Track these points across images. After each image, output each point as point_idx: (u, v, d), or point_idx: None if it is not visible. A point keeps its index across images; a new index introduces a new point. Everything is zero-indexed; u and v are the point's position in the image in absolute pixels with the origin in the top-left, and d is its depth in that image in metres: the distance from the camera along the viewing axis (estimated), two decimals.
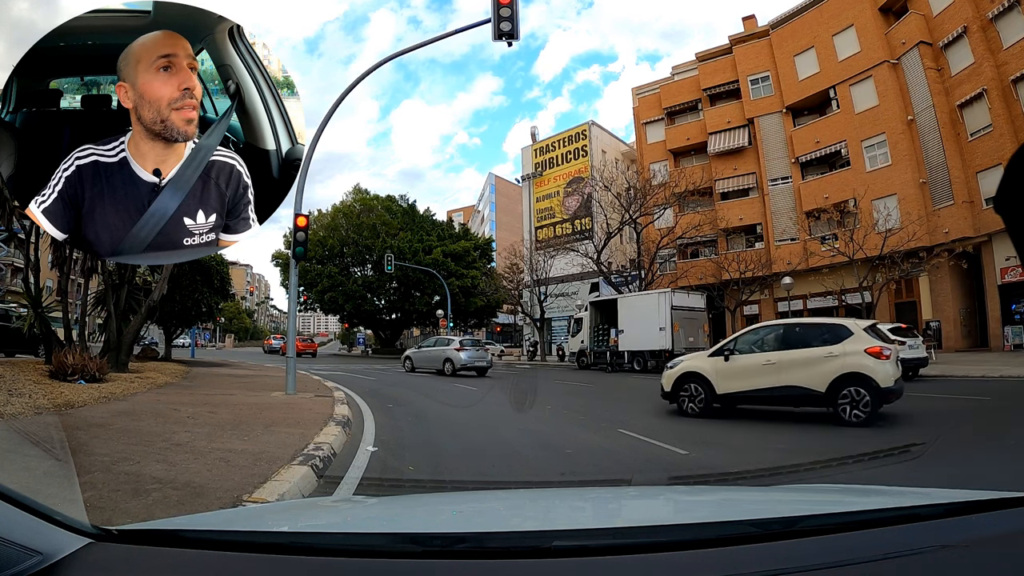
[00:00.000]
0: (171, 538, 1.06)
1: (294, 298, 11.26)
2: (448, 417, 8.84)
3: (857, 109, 24.71)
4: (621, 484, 3.77)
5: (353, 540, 1.15)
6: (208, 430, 5.75)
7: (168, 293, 14.04)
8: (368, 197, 42.01)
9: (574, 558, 0.98)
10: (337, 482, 4.25)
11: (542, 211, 39.38)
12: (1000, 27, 20.20)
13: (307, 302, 41.24)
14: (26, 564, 0.84)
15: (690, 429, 7.13)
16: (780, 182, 27.67)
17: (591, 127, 37.89)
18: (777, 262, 26.35)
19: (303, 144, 4.58)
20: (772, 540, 1.04)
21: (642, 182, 27.64)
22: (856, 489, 1.81)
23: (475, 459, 5.69)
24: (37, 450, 2.15)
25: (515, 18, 9.61)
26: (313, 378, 14.16)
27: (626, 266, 31.69)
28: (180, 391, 9.87)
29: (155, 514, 2.93)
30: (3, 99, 3.89)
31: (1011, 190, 0.89)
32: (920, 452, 4.97)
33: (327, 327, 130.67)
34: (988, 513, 1.11)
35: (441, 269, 36.11)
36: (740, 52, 29.23)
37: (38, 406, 6.05)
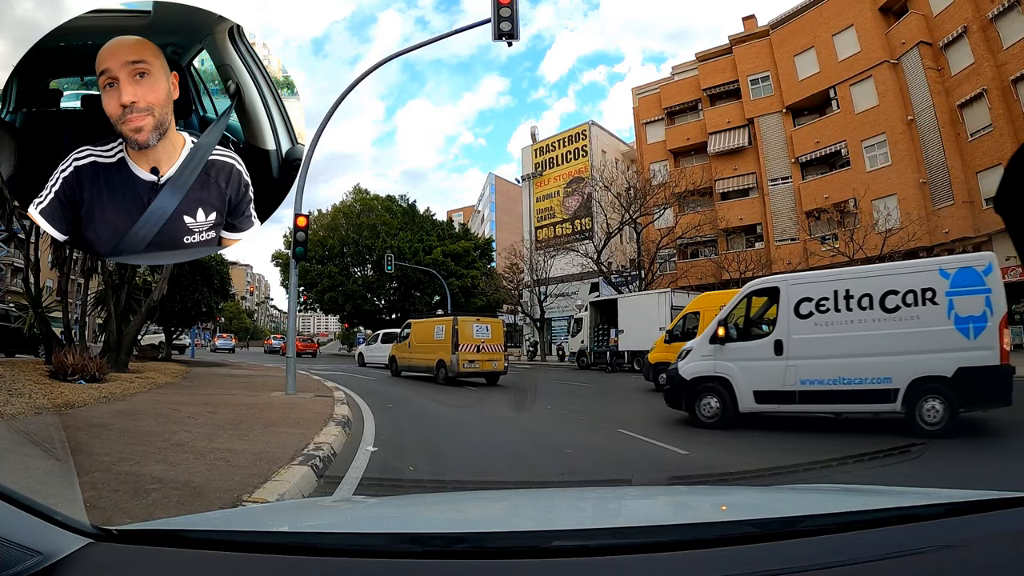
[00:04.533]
0: (171, 538, 1.06)
1: (294, 298, 11.27)
2: (448, 417, 8.84)
3: (857, 109, 24.70)
4: (621, 484, 3.77)
5: (353, 540, 1.15)
6: (208, 430, 5.74)
7: (168, 293, 14.03)
8: (368, 197, 41.97)
9: (574, 558, 0.98)
10: (337, 482, 4.25)
11: (542, 211, 39.37)
12: (1000, 27, 20.20)
13: (307, 302, 41.20)
14: (26, 564, 0.84)
15: (690, 429, 7.13)
16: (780, 182, 27.66)
17: (591, 127, 37.88)
18: (777, 262, 26.34)
19: (303, 144, 4.59)
20: (772, 540, 1.04)
21: (642, 182, 27.65)
22: (856, 489, 1.81)
23: (475, 459, 5.70)
24: (37, 450, 2.15)
25: (515, 18, 9.61)
26: (313, 378, 14.16)
27: (626, 266, 31.70)
28: (180, 391, 9.87)
29: (155, 514, 2.93)
30: (3, 99, 3.89)
31: (1011, 190, 0.89)
32: (920, 452, 4.96)
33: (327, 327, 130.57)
34: (988, 513, 1.11)
35: (441, 269, 36.09)
36: (740, 52, 29.22)
37: (38, 406, 6.05)
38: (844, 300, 6.81)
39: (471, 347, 14.74)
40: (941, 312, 6.32)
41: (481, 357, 14.86)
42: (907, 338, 6.40)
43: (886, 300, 6.58)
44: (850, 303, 6.77)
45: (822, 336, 6.85)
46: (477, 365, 14.78)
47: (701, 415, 7.35)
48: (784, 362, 6.98)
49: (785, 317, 7.06)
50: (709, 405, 7.32)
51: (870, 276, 6.93)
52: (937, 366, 6.26)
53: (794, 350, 6.95)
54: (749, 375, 7.17)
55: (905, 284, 6.55)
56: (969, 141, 21.29)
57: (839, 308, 6.82)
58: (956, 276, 6.36)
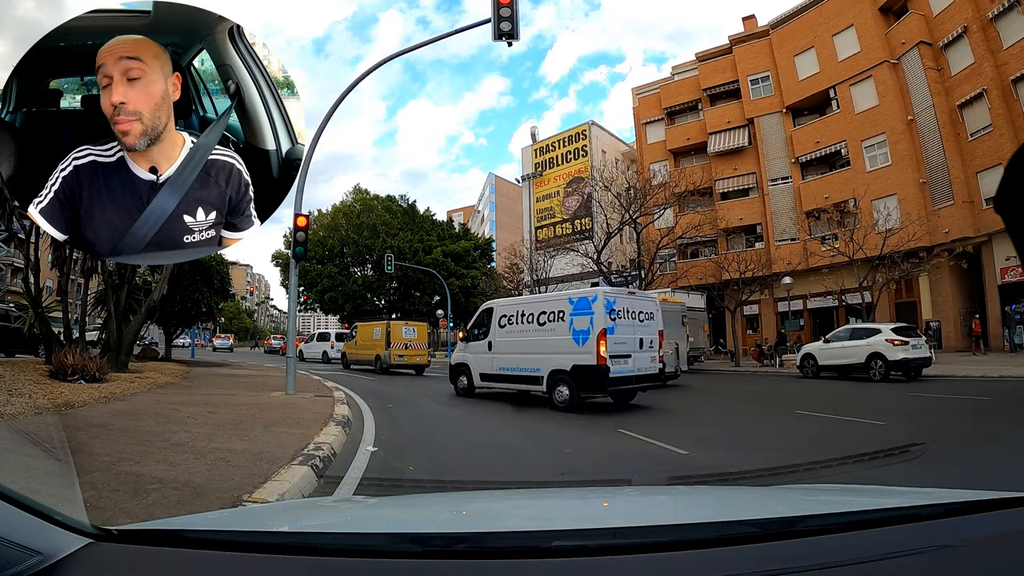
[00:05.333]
0: (171, 538, 1.06)
1: (294, 298, 11.27)
2: (448, 417, 8.84)
3: (857, 109, 24.70)
4: (621, 484, 3.77)
5: (353, 540, 1.15)
6: (208, 430, 5.74)
7: (168, 293, 14.02)
8: (368, 197, 41.98)
9: (574, 558, 0.98)
10: (337, 482, 4.25)
11: (542, 211, 39.37)
12: (1000, 27, 20.20)
13: (307, 302, 41.22)
14: (26, 564, 0.84)
15: (690, 429, 7.13)
16: (780, 182, 27.66)
17: (591, 127, 37.88)
18: (777, 262, 26.35)
19: (303, 144, 4.58)
20: (772, 540, 1.04)
21: (642, 182, 27.60)
22: (856, 489, 1.81)
23: (475, 459, 5.70)
24: (37, 450, 2.15)
25: (515, 18, 9.61)
26: (313, 378, 14.16)
27: (626, 266, 31.68)
28: (180, 391, 9.87)
29: (155, 514, 2.93)
30: (3, 99, 3.89)
31: (1011, 190, 0.89)
32: (920, 452, 4.97)
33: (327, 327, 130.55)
34: (988, 513, 1.11)
35: (441, 269, 36.09)
36: (740, 52, 29.22)
37: (38, 406, 6.05)
38: (520, 317, 10.10)
39: (400, 345, 19.19)
40: (566, 327, 9.23)
41: (408, 352, 19.33)
42: (548, 343, 9.40)
43: (539, 318, 9.76)
44: (523, 319, 10.03)
45: (509, 339, 10.19)
46: (405, 359, 19.22)
47: (457, 387, 11.35)
48: (492, 355, 10.50)
49: (494, 327, 10.57)
50: (461, 380, 11.26)
51: (535, 302, 10.26)
52: (563, 363, 9.09)
53: (497, 348, 10.44)
54: (477, 362, 10.87)
55: (550, 307, 9.66)
56: (969, 141, 21.29)
57: (519, 322, 10.11)
58: (576, 303, 9.20)
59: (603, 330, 8.67)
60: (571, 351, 8.98)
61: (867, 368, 14.00)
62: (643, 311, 9.51)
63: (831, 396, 11.21)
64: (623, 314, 9.03)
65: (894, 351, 13.52)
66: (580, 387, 8.85)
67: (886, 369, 13.54)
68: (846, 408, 8.91)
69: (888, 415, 8.17)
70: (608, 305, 8.83)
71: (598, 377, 8.64)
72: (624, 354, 8.93)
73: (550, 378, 9.21)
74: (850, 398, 10.76)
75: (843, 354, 14.79)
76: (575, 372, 8.87)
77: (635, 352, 9.12)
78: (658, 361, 9.59)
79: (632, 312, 9.26)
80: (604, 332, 8.66)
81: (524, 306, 10.25)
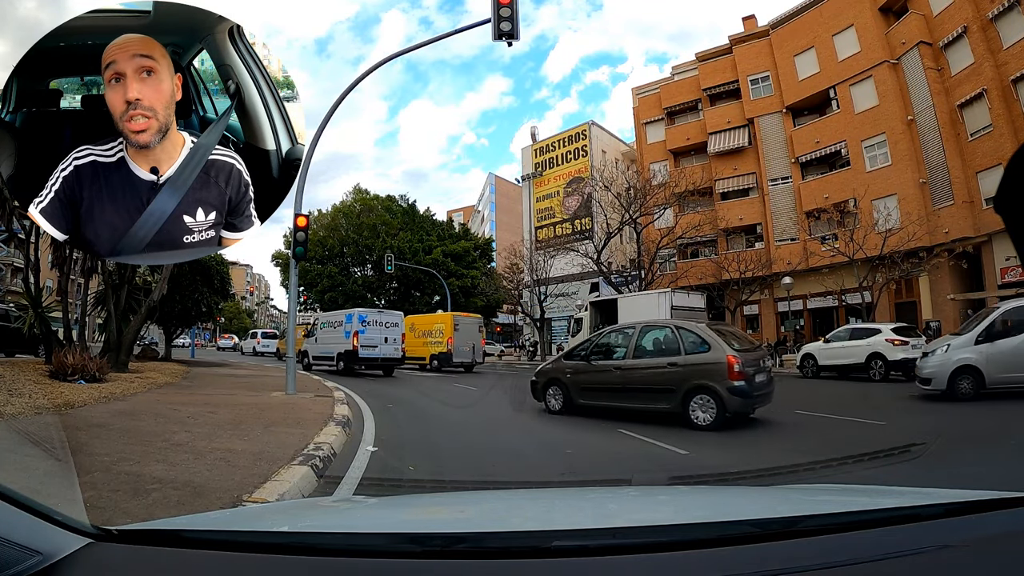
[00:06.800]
0: (171, 538, 1.06)
1: (294, 298, 11.26)
2: (447, 417, 8.84)
3: (857, 109, 24.70)
4: (621, 484, 3.77)
5: (353, 540, 1.15)
6: (208, 430, 5.74)
7: (168, 293, 14.03)
8: (368, 197, 41.94)
9: (574, 558, 0.98)
10: (337, 482, 4.25)
11: (542, 211, 39.35)
12: (1000, 27, 20.19)
13: (307, 302, 41.17)
14: (26, 564, 0.84)
15: (690, 429, 7.13)
16: (780, 182, 27.66)
17: (591, 127, 37.87)
18: (777, 262, 26.35)
19: (303, 144, 4.58)
20: (772, 540, 1.04)
21: (642, 182, 27.61)
22: (856, 489, 1.81)
23: (475, 459, 5.69)
24: (37, 450, 2.14)
25: (515, 18, 9.61)
26: (313, 378, 14.16)
27: (626, 266, 31.67)
28: (180, 391, 9.87)
29: (155, 514, 2.93)
30: (3, 99, 3.88)
31: (1011, 190, 0.89)
32: (920, 452, 4.97)
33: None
34: (988, 513, 1.10)
35: (441, 269, 36.07)
36: (740, 52, 29.22)
37: (38, 406, 6.05)
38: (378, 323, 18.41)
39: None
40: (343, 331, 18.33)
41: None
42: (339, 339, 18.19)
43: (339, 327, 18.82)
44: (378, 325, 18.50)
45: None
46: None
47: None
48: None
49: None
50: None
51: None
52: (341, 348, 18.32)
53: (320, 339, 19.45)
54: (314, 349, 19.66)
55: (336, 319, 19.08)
56: (969, 141, 21.28)
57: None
58: (358, 318, 17.76)
59: (356, 332, 17.10)
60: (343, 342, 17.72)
61: (867, 368, 14.02)
62: (388, 322, 18.12)
63: (831, 396, 11.21)
64: (372, 324, 17.45)
65: (894, 351, 13.54)
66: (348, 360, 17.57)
67: (886, 369, 13.55)
68: (846, 408, 8.91)
69: (888, 415, 8.18)
70: (361, 318, 17.43)
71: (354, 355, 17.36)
72: (372, 344, 17.39)
73: (340, 357, 17.95)
74: (850, 398, 10.76)
75: (843, 354, 14.80)
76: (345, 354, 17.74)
77: (380, 344, 17.57)
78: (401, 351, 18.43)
79: (380, 322, 17.76)
80: (356, 333, 17.02)
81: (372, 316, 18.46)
